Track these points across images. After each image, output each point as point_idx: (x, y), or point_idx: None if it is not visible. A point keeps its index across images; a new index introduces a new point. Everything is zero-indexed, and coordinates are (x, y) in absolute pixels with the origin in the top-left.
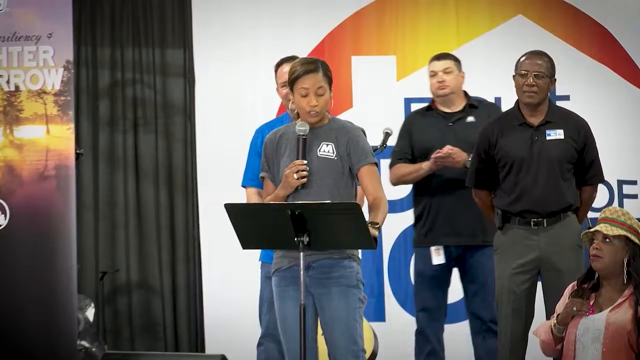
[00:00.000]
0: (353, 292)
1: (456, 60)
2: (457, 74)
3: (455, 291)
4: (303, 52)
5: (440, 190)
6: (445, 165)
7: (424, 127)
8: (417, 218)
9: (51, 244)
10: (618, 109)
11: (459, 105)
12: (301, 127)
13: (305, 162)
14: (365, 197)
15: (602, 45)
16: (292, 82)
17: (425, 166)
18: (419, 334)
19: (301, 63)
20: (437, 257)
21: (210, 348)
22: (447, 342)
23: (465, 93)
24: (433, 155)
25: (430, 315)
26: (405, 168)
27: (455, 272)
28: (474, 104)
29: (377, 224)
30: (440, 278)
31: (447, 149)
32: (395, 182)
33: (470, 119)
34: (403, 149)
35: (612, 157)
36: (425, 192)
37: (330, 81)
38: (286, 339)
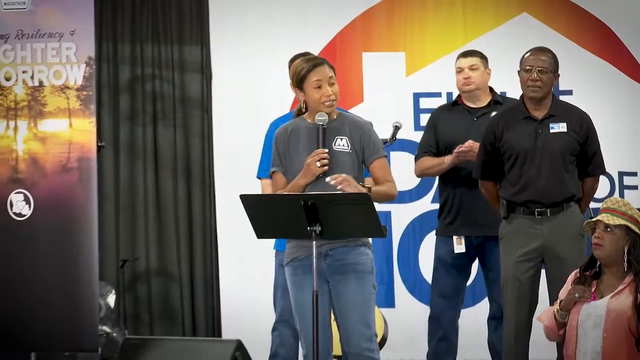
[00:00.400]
0: (368, 278)
1: (482, 58)
2: (483, 70)
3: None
4: (316, 49)
5: (463, 183)
6: (467, 160)
7: (449, 121)
8: (441, 208)
9: (73, 233)
10: (619, 103)
11: (484, 100)
12: (320, 117)
13: (326, 150)
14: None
15: (604, 42)
16: (301, 80)
17: (447, 160)
18: (432, 319)
19: (305, 60)
20: (459, 245)
21: (227, 333)
22: (461, 324)
23: (491, 89)
24: (455, 150)
25: (447, 302)
26: (429, 161)
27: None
28: (498, 100)
29: (369, 187)
30: (461, 266)
31: (469, 143)
32: (420, 174)
33: (494, 114)
34: (428, 143)
35: (613, 150)
36: (449, 185)
37: (334, 74)
38: (302, 325)
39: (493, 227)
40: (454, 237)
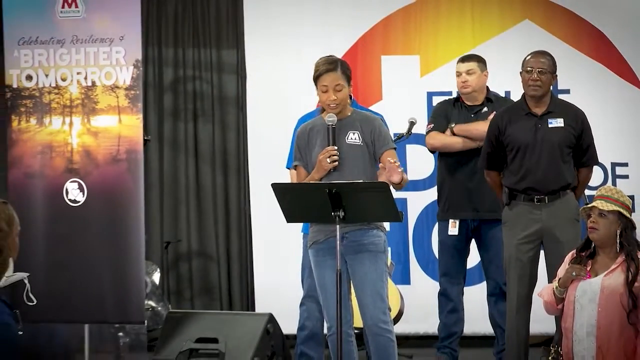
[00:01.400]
0: (380, 257)
1: (479, 62)
2: (480, 74)
3: (472, 258)
4: (340, 52)
5: (458, 170)
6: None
7: (453, 116)
8: (439, 195)
9: (122, 217)
10: (611, 101)
11: (480, 99)
12: (330, 118)
13: (335, 147)
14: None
15: (599, 46)
16: (314, 80)
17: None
18: (441, 294)
19: (323, 62)
20: (453, 229)
21: (260, 307)
22: (466, 302)
23: (487, 88)
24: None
25: (451, 279)
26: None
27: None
28: (490, 98)
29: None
30: (459, 247)
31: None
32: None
33: (485, 109)
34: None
35: (606, 142)
36: (446, 171)
37: (348, 78)
38: (325, 301)
39: (488, 210)
40: (450, 221)
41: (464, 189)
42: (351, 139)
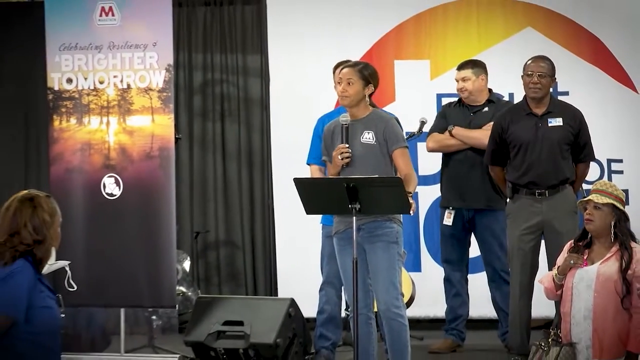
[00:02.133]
0: (393, 247)
1: (474, 67)
2: (475, 79)
3: (475, 247)
4: (356, 56)
5: (455, 165)
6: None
7: (454, 115)
8: (441, 186)
9: (155, 210)
10: (607, 102)
11: (481, 100)
12: (344, 118)
13: (347, 145)
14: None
15: (596, 52)
16: (333, 72)
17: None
18: (446, 280)
19: (347, 61)
20: (447, 219)
21: (282, 293)
22: (471, 288)
23: (490, 90)
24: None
25: (452, 266)
26: (439, 135)
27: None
28: (492, 100)
29: (410, 192)
30: (458, 236)
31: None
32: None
33: (486, 109)
34: (439, 125)
35: (602, 140)
36: (445, 166)
37: (365, 78)
38: (346, 285)
39: (478, 201)
40: (446, 211)
41: (456, 181)
42: (366, 138)
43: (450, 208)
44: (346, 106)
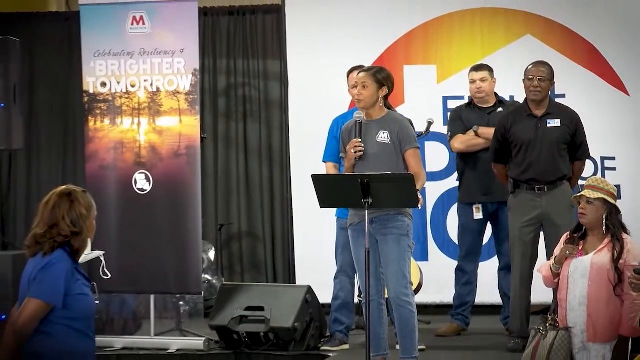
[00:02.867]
0: (404, 239)
1: (490, 70)
2: (490, 80)
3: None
4: (368, 62)
5: (481, 163)
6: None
7: (470, 117)
8: (460, 181)
9: (183, 203)
10: (601, 104)
11: (491, 102)
12: (357, 115)
13: (360, 140)
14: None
15: (591, 58)
16: (347, 76)
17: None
18: (458, 269)
19: (361, 66)
20: (478, 214)
21: (299, 280)
22: (479, 275)
23: (495, 93)
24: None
25: (469, 257)
26: (464, 136)
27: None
28: (502, 101)
29: (418, 189)
30: (479, 229)
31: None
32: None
33: (500, 109)
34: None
35: (597, 139)
36: (466, 162)
37: (379, 82)
38: (360, 273)
39: (504, 195)
40: (474, 207)
41: (484, 177)
42: (381, 137)
43: (477, 203)
44: (362, 109)
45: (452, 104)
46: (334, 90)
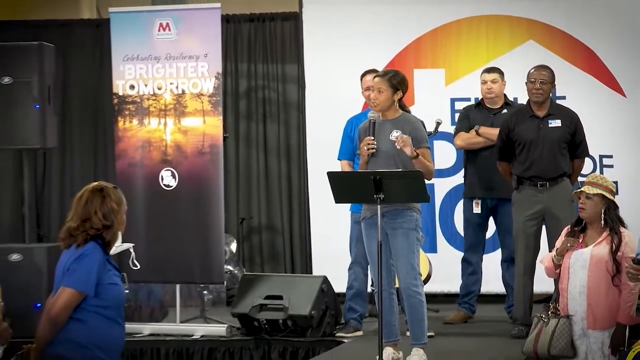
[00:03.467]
0: (412, 233)
1: (501, 73)
2: (501, 82)
3: (489, 230)
4: (380, 66)
5: (482, 160)
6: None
7: (476, 116)
8: (464, 178)
9: (206, 198)
10: (600, 105)
11: (499, 103)
12: (372, 114)
13: (372, 138)
14: None
15: (590, 61)
16: (361, 79)
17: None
18: (464, 260)
19: (374, 70)
20: (477, 208)
21: (316, 271)
22: (482, 267)
23: (505, 95)
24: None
25: (474, 249)
26: (466, 134)
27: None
28: (509, 102)
29: (418, 154)
30: (481, 223)
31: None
32: (462, 143)
33: (505, 111)
34: (465, 125)
35: (595, 138)
36: (471, 161)
37: (393, 85)
38: (372, 264)
39: (503, 191)
40: (474, 201)
41: (484, 174)
42: (394, 136)
43: (477, 198)
44: (377, 111)
45: (459, 105)
46: (348, 93)
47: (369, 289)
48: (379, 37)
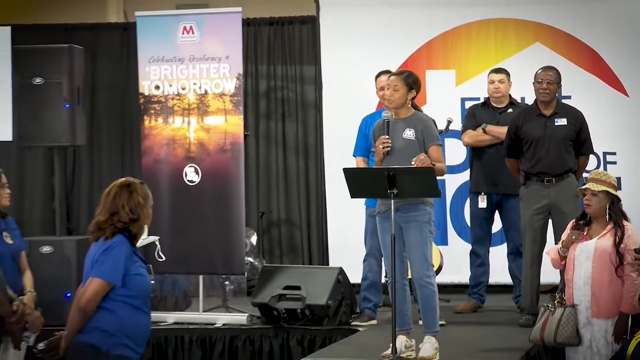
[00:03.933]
0: (425, 226)
1: (508, 74)
2: (507, 83)
3: (497, 224)
4: (393, 67)
5: (488, 157)
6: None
7: (482, 115)
8: (470, 174)
9: (228, 194)
10: (603, 104)
11: (504, 102)
12: (386, 114)
13: (387, 137)
14: None
15: (594, 63)
16: (375, 79)
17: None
18: (472, 252)
19: (388, 71)
20: (482, 203)
21: (332, 262)
22: (491, 259)
23: (510, 95)
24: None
25: (481, 242)
26: (473, 132)
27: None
28: (514, 102)
29: (434, 164)
30: (487, 217)
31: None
32: (470, 140)
33: (510, 110)
34: (471, 123)
35: (599, 136)
36: (477, 158)
37: (408, 84)
38: (385, 257)
39: (508, 187)
40: (479, 196)
41: (490, 170)
42: (407, 134)
43: (482, 193)
44: (392, 109)
45: (469, 105)
46: (363, 93)
47: (383, 280)
48: (393, 40)
